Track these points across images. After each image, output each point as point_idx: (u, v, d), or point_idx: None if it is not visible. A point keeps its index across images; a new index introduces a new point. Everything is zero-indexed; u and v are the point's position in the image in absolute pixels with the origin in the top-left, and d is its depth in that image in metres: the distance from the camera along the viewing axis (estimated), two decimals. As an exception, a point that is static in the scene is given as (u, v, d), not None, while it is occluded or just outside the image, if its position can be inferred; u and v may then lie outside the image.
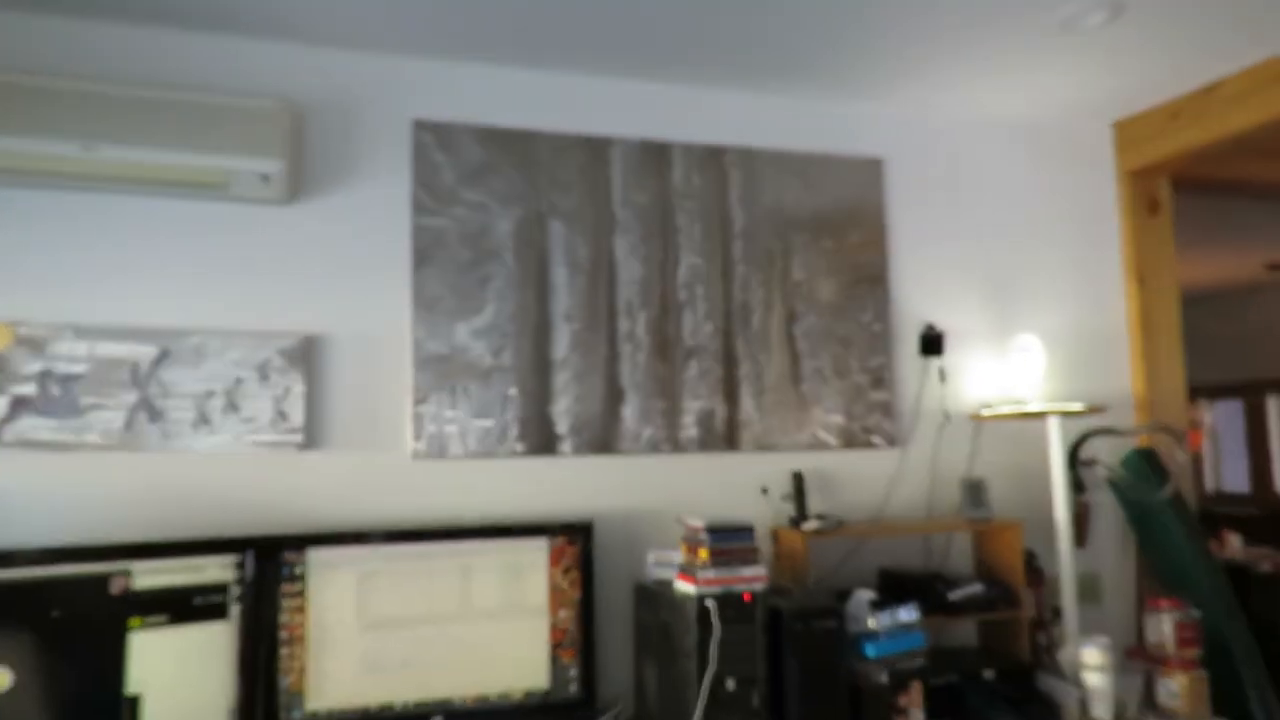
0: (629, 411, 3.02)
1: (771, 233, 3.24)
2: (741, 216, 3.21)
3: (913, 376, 3.26)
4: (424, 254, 2.88)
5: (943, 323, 3.31)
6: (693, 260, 3.14)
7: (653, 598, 2.63)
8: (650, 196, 3.12)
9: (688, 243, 3.14)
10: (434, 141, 2.95)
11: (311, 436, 2.70)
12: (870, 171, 3.37)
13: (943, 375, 3.28)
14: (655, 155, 3.15)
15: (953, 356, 3.30)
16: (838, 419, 3.20)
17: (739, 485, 3.03)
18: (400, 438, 2.76)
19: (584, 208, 3.06)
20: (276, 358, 2.69)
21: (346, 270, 2.78)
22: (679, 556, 2.61)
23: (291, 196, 2.73)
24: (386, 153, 2.85)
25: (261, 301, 2.71)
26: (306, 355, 2.70)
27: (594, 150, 3.10)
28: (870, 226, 3.34)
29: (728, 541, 2.45)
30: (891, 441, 3.24)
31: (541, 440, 2.88)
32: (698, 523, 2.50)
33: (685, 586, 2.47)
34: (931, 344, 3.31)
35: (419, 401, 2.78)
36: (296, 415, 2.67)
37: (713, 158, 3.21)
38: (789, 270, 3.23)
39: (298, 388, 2.68)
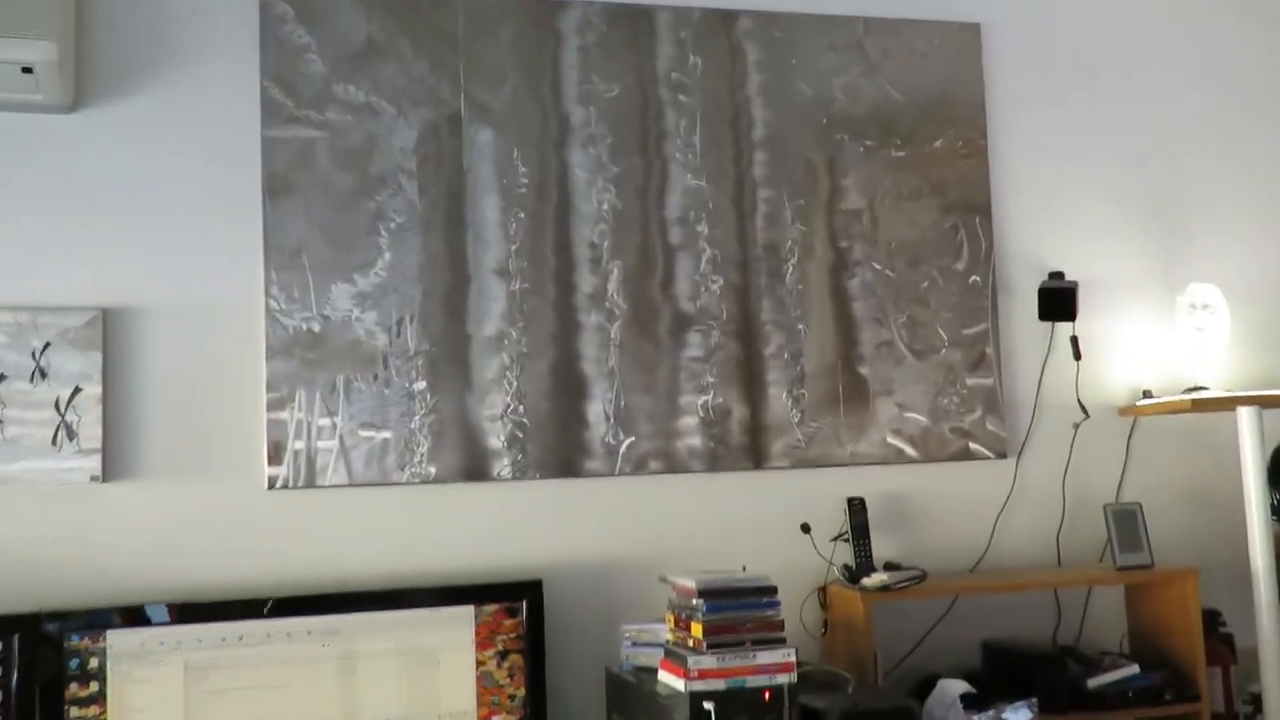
0: (596, 412, 2.85)
1: (812, 138, 3.04)
2: (765, 114, 3.03)
3: (1031, 352, 3.14)
4: (280, 182, 2.73)
5: (1075, 270, 3.17)
6: (690, 182, 2.97)
7: (630, 695, 2.55)
8: (624, 87, 2.95)
9: (682, 156, 2.96)
10: (292, 12, 2.77)
11: (113, 462, 2.61)
12: (963, 43, 3.17)
13: (1076, 350, 3.15)
14: (630, 24, 2.97)
15: (1091, 321, 3.17)
16: (917, 418, 3.03)
17: (767, 520, 2.93)
18: (249, 459, 2.68)
19: (523, 106, 2.88)
20: (58, 344, 2.58)
21: (161, 210, 2.69)
22: (665, 632, 2.41)
23: (73, 99, 2.63)
24: (220, 31, 2.76)
25: (31, 258, 2.61)
26: (104, 339, 2.61)
27: (537, 18, 2.91)
28: (963, 127, 3.15)
29: (736, 611, 2.30)
30: (1000, 451, 3.07)
31: (465, 458, 2.77)
32: (689, 583, 2.31)
33: (672, 680, 2.32)
34: (1058, 303, 3.12)
35: (277, 404, 2.69)
36: (90, 431, 2.58)
37: (719, 26, 3.02)
38: (839, 194, 3.05)
39: (91, 389, 2.59)
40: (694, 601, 2.29)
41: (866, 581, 2.74)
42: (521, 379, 2.82)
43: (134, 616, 2.44)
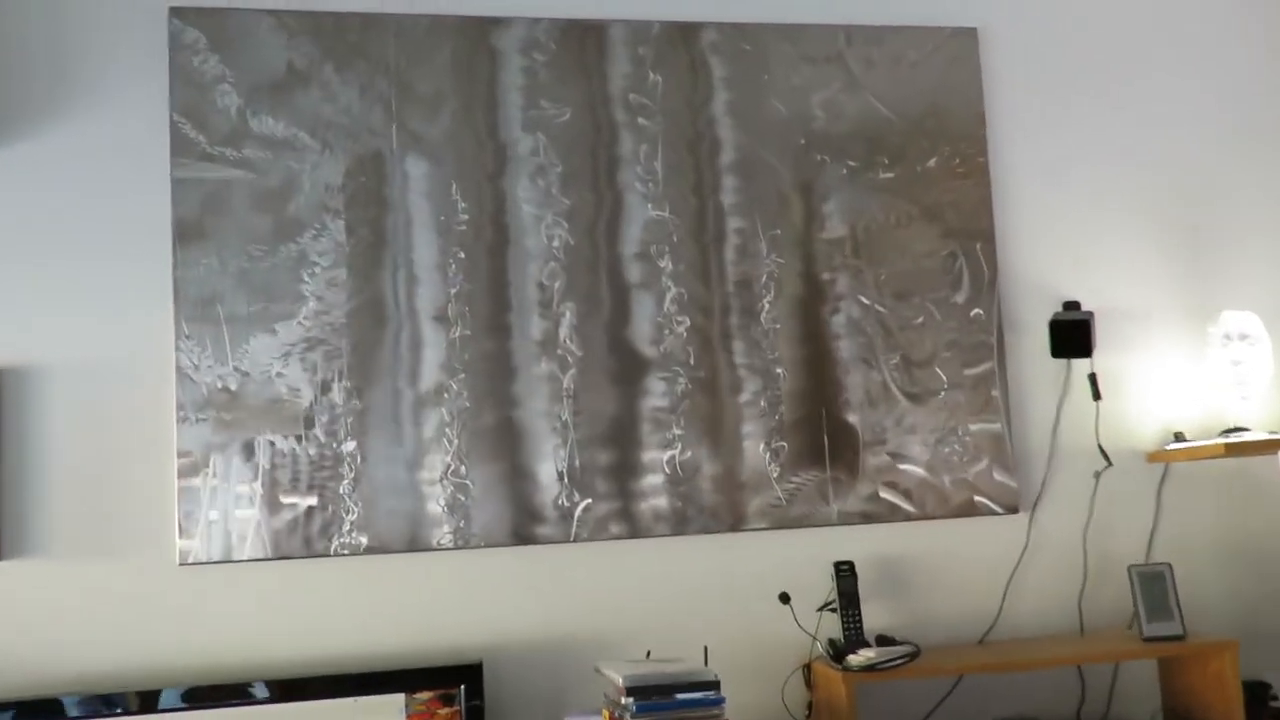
0: (548, 472, 2.66)
1: (788, 161, 2.85)
2: (734, 136, 2.84)
3: (1043, 393, 2.94)
4: (192, 226, 2.59)
5: (1092, 300, 2.99)
6: (651, 214, 2.78)
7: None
8: (575, 110, 2.77)
9: (642, 185, 2.78)
10: (205, 40, 2.63)
11: (3, 538, 2.49)
12: (958, 50, 2.96)
13: (1095, 389, 2.93)
14: (580, 41, 2.79)
15: (1111, 357, 2.99)
16: (914, 470, 2.82)
17: (743, 589, 2.75)
18: (158, 532, 2.56)
19: (462, 135, 2.71)
20: None
21: (59, 258, 2.59)
22: (606, 730, 2.17)
23: None
24: (126, 62, 2.65)
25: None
26: None
27: (476, 37, 2.74)
28: (960, 143, 2.93)
29: (670, 710, 2.12)
30: (1010, 505, 2.84)
31: (400, 526, 2.60)
32: (617, 677, 2.06)
33: (608, 790, 2.03)
34: (1073, 337, 2.91)
35: (189, 470, 2.54)
36: None
37: (680, 41, 2.83)
38: (819, 222, 2.84)
39: None
40: (623, 700, 2.04)
41: (851, 660, 2.50)
42: (463, 436, 2.63)
43: (26, 712, 2.30)
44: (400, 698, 2.42)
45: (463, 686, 2.44)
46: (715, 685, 2.07)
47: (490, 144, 2.70)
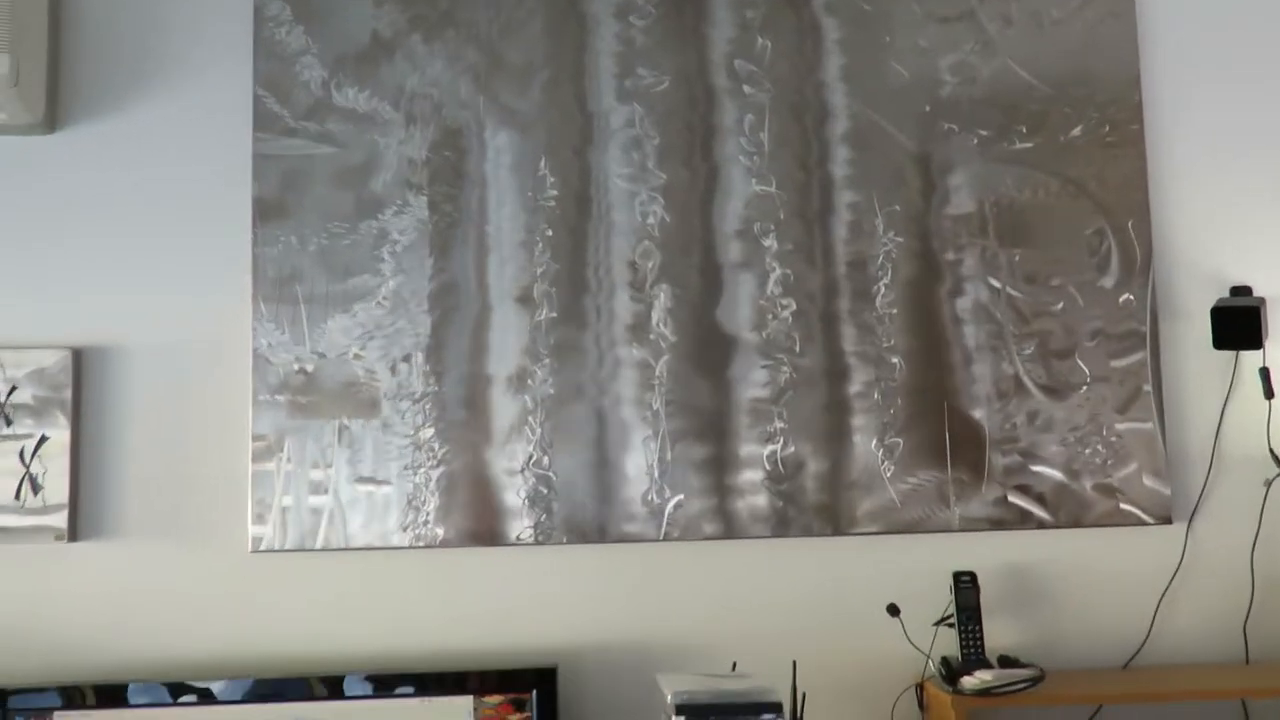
0: (637, 465, 2.56)
1: (910, 130, 2.68)
2: (850, 103, 2.68)
3: (1205, 389, 2.72)
4: (272, 203, 2.57)
5: (1265, 284, 2.72)
6: (755, 189, 2.64)
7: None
8: (675, 78, 2.66)
9: (746, 158, 2.64)
10: (290, 10, 2.60)
11: (79, 519, 2.51)
12: (1110, 4, 2.74)
13: (1268, 386, 2.67)
14: (683, 4, 2.67)
15: None
16: (1050, 472, 2.61)
17: (848, 599, 2.61)
18: (231, 517, 2.54)
19: (553, 106, 2.63)
20: (23, 388, 2.49)
21: (139, 238, 2.60)
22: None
23: (46, 118, 2.55)
24: (210, 35, 2.65)
25: (-4, 293, 2.56)
26: (73, 383, 2.52)
27: (572, 2, 2.65)
28: (1111, 109, 2.71)
29: None
30: (1163, 514, 2.62)
31: (478, 518, 2.54)
32: (668, 692, 1.96)
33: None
34: (1240, 326, 2.67)
35: (264, 454, 2.51)
36: (55, 485, 2.48)
37: (791, 1, 2.69)
38: (944, 197, 2.67)
39: (57, 437, 2.49)
40: (673, 718, 1.86)
41: (966, 682, 2.31)
42: (547, 425, 2.54)
43: (98, 695, 2.34)
44: (468, 701, 2.34)
45: (535, 692, 2.35)
46: (777, 708, 1.88)
47: (584, 115, 2.61)
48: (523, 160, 2.58)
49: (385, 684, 2.36)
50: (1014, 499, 2.56)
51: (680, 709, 1.87)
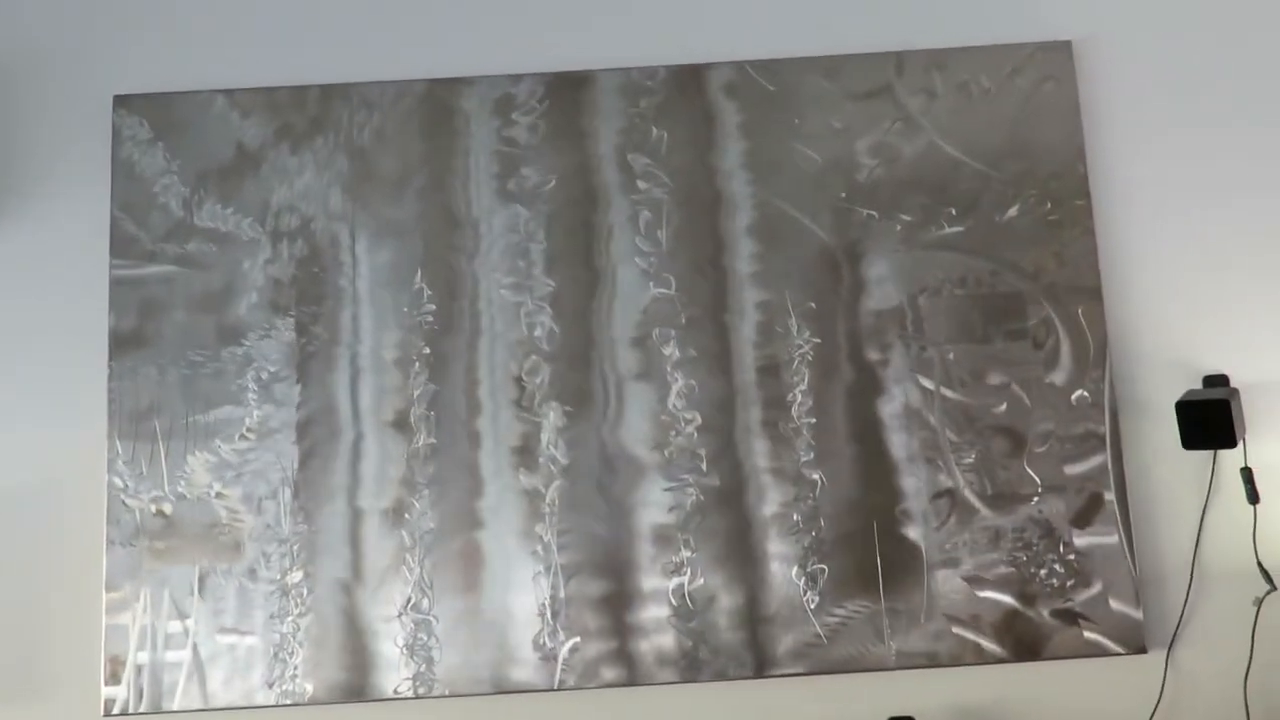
0: (526, 606, 2.40)
1: (825, 219, 2.53)
2: (755, 192, 2.55)
3: (1177, 495, 2.55)
4: (129, 333, 2.50)
5: (1241, 373, 2.53)
6: (654, 292, 2.52)
7: None
8: (562, 177, 2.56)
9: (641, 258, 2.52)
10: (149, 128, 2.55)
11: None
12: (1048, 69, 2.61)
13: (1251, 489, 2.46)
14: (570, 96, 2.58)
15: (1267, 446, 2.44)
16: (1000, 597, 2.42)
17: None
18: (84, 678, 2.42)
19: (430, 213, 2.53)
20: None
21: None
22: None
23: None
24: (70, 155, 2.61)
25: None
26: None
27: (447, 102, 2.57)
28: (1053, 183, 2.56)
29: None
30: (1135, 643, 2.43)
31: (351, 671, 2.39)
32: None
33: None
34: (1210, 422, 2.42)
35: (118, 606, 2.41)
36: None
37: (692, 85, 2.59)
38: (865, 290, 2.51)
39: None
40: None
41: None
42: (427, 563, 2.40)
43: None
44: None
45: None
46: None
47: (463, 222, 2.51)
48: (397, 273, 2.48)
49: None
50: (958, 630, 2.37)
51: None
